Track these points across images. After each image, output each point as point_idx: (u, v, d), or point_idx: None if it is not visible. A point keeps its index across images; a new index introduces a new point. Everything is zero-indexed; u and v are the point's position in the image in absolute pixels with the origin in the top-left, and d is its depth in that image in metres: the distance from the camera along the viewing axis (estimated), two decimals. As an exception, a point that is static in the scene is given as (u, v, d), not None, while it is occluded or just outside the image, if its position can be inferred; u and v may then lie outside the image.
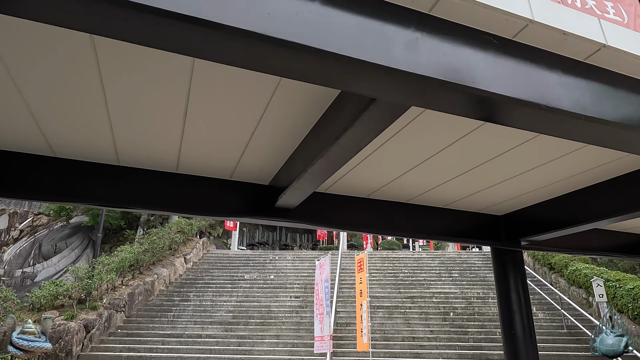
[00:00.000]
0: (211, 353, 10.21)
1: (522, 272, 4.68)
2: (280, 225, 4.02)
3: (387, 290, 13.79)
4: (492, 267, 4.97)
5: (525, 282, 4.70)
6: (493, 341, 10.49)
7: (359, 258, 8.68)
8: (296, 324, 11.63)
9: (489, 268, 15.89)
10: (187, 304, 13.09)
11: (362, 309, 8.08)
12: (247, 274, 15.64)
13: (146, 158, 2.92)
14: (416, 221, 4.59)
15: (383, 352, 9.96)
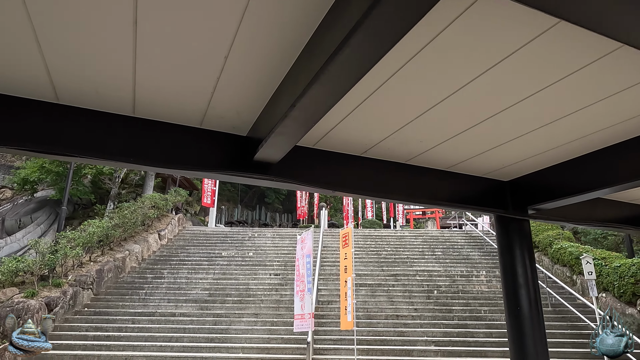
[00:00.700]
0: (185, 332, 9.63)
1: (529, 243, 4.19)
2: (260, 184, 3.31)
3: (370, 268, 13.42)
4: (497, 238, 4.45)
5: (532, 254, 4.20)
6: (478, 319, 10.24)
7: (344, 232, 8.17)
8: (276, 302, 11.14)
9: (471, 246, 15.71)
10: (160, 281, 12.43)
11: (347, 285, 7.61)
12: (225, 251, 15.02)
13: (94, 95, 2.28)
14: (416, 184, 4.01)
15: (366, 330, 9.58)
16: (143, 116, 2.93)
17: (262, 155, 2.99)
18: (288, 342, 9.21)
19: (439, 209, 38.93)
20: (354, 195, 3.80)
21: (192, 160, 3.12)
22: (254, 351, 8.85)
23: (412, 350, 8.82)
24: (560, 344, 9.07)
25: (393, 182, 3.89)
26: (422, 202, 4.00)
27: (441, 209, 3.69)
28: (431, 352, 8.79)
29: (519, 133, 2.98)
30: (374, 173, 3.83)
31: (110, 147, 2.81)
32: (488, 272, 13.10)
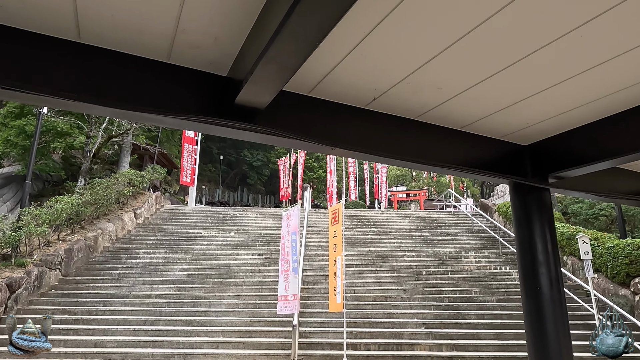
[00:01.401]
0: (161, 315, 9.00)
1: (549, 216, 3.68)
2: (245, 137, 2.58)
3: (357, 249, 12.96)
4: (512, 211, 3.95)
5: (553, 228, 3.70)
6: (469, 301, 9.90)
7: (333, 209, 7.60)
8: (258, 283, 10.58)
9: (459, 227, 15.41)
10: (135, 261, 11.70)
11: (336, 265, 7.07)
12: (205, 231, 14.34)
13: (24, 8, 1.73)
14: (427, 145, 3.45)
15: (354, 312, 9.13)
16: (91, 42, 2.29)
17: (245, 97, 2.41)
18: (272, 325, 8.69)
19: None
20: (357, 155, 3.20)
21: (162, 101, 2.49)
22: (235, 335, 8.30)
23: (403, 332, 8.41)
24: (553, 326, 8.78)
25: (402, 141, 3.32)
26: (434, 165, 3.45)
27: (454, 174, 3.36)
28: (422, 334, 8.40)
29: (543, 85, 2.57)
30: (380, 129, 3.25)
31: (56, 80, 2.19)
32: (477, 253, 12.80)
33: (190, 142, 20.39)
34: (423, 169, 3.48)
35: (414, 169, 3.61)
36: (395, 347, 7.99)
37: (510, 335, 8.42)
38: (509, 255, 12.62)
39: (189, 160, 20.24)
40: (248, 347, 7.93)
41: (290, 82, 2.74)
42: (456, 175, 3.66)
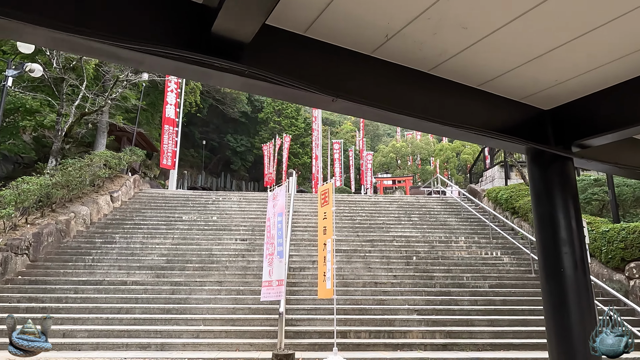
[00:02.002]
0: (137, 302, 8.42)
1: (573, 189, 3.24)
2: (227, 83, 1.91)
3: (344, 234, 12.53)
4: (531, 184, 3.49)
5: (577, 202, 3.26)
6: (461, 286, 9.58)
7: (323, 189, 7.09)
8: (242, 269, 10.06)
9: (448, 212, 15.11)
10: (111, 246, 11.04)
11: (326, 249, 6.59)
12: (186, 215, 13.70)
13: None
14: (442, 102, 2.96)
15: (343, 299, 8.70)
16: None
17: (223, 24, 1.88)
18: (256, 312, 8.21)
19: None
20: (362, 110, 2.71)
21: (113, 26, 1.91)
22: (217, 323, 7.79)
23: (394, 320, 8.02)
24: (547, 312, 8.52)
25: (412, 95, 2.80)
26: (450, 125, 2.95)
27: (470, 138, 2.91)
28: (414, 321, 8.03)
29: (576, 32, 2.18)
30: (388, 80, 2.71)
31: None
32: (467, 238, 12.51)
33: (170, 124, 19.56)
34: (437, 132, 2.98)
35: (426, 131, 3.07)
36: (386, 334, 7.61)
37: (504, 321, 8.12)
38: (499, 241, 12.36)
39: (169, 143, 19.43)
40: (231, 336, 7.44)
41: (283, 17, 2.21)
42: (471, 139, 3.16)
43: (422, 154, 51.07)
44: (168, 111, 19.55)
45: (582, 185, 12.68)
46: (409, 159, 51.59)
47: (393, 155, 50.71)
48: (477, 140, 3.17)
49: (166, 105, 19.56)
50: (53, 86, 12.65)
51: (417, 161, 51.06)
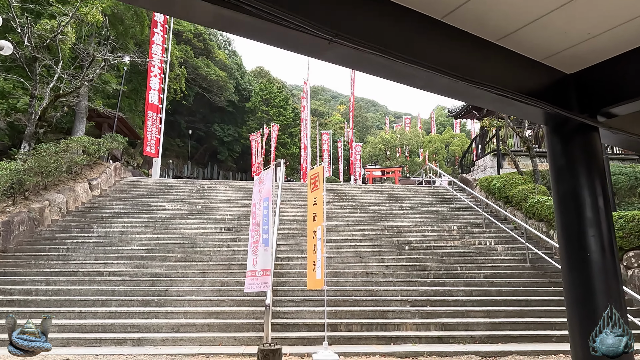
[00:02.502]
0: (114, 295, 7.89)
1: (599, 164, 2.83)
2: (190, 13, 1.25)
3: (334, 223, 12.11)
4: (551, 159, 3.07)
5: (605, 179, 2.84)
6: (455, 277, 9.24)
7: (313, 172, 6.62)
8: (227, 259, 9.57)
9: (439, 202, 14.79)
10: (87, 235, 10.44)
11: (316, 236, 6.14)
12: (169, 204, 13.12)
13: None
14: (456, 54, 2.46)
15: (333, 290, 8.29)
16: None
17: None
18: (241, 304, 7.75)
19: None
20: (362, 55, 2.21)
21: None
22: (199, 316, 7.31)
23: (387, 311, 7.64)
24: (543, 302, 8.24)
25: (424, 46, 2.33)
26: (469, 81, 2.52)
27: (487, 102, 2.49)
28: (408, 313, 7.66)
29: None
30: (397, 25, 2.23)
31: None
32: (460, 228, 12.19)
33: (154, 110, 18.82)
34: (451, 92, 2.53)
35: (439, 91, 2.57)
36: (379, 327, 7.22)
37: (501, 313, 7.80)
38: (492, 230, 12.07)
39: (153, 130, 18.70)
40: (214, 329, 6.98)
41: None
42: (487, 102, 2.72)
43: (411, 146, 50.90)
44: (151, 97, 18.80)
45: (576, 173, 12.44)
46: (397, 151, 51.42)
47: (382, 146, 50.43)
48: (494, 103, 2.73)
49: (149, 90, 18.81)
50: (26, 67, 11.89)
51: (406, 153, 50.92)
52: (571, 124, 2.78)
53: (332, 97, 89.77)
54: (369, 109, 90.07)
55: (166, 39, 19.86)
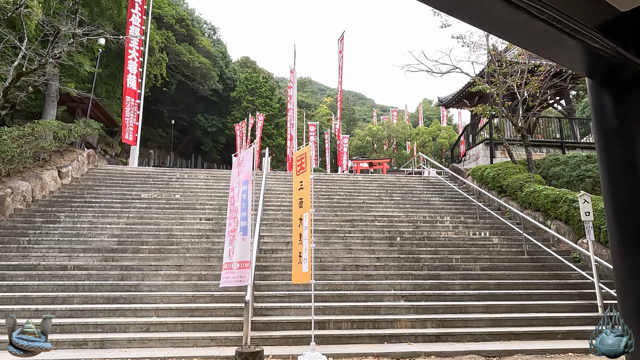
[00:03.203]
0: (77, 290, 7.11)
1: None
2: None
3: (322, 213, 11.44)
4: (596, 121, 2.40)
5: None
6: (451, 269, 8.67)
7: (299, 153, 5.92)
8: (206, 251, 8.84)
9: (430, 192, 14.24)
10: (53, 226, 9.58)
11: (302, 225, 5.46)
12: (145, 193, 12.28)
13: None
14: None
15: (321, 284, 7.63)
16: None
17: None
18: (220, 300, 7.04)
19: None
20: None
21: None
22: (173, 314, 6.59)
23: (379, 307, 7.02)
24: (545, 296, 7.73)
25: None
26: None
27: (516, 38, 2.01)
28: (402, 308, 7.05)
29: None
30: None
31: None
32: (453, 218, 11.64)
33: (132, 95, 17.81)
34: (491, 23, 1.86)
35: (473, 22, 1.86)
36: (371, 324, 6.60)
37: (501, 307, 7.25)
38: (487, 221, 11.55)
39: (131, 116, 17.71)
40: (188, 328, 6.26)
41: None
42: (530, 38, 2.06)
43: (398, 138, 50.48)
44: (129, 81, 17.78)
45: (574, 162, 11.97)
46: (385, 143, 50.95)
47: (369, 138, 49.91)
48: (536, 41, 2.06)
49: (127, 74, 17.78)
50: (-14, 43, 10.87)
51: (394, 145, 50.49)
52: (627, 74, 2.14)
53: (319, 90, 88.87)
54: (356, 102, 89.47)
55: (145, 21, 18.81)
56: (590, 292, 7.79)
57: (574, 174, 11.42)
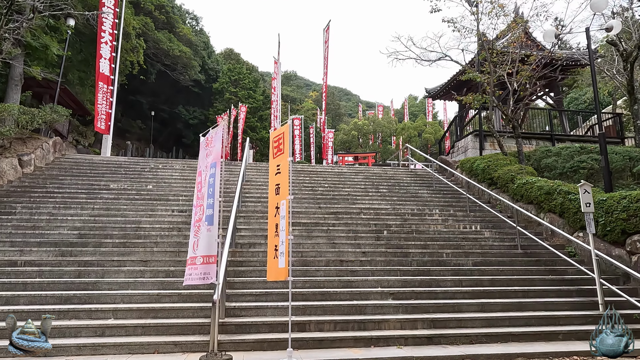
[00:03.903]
0: (25, 289, 6.29)
1: None
2: None
3: (304, 205, 10.76)
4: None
5: None
6: (442, 264, 8.10)
7: (277, 134, 5.20)
8: (176, 245, 8.08)
9: (418, 184, 13.68)
10: (6, 218, 8.68)
11: (279, 214, 4.77)
12: (115, 183, 11.41)
13: None
14: None
15: (301, 281, 6.97)
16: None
17: None
18: (188, 299, 6.31)
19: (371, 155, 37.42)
20: None
21: None
22: (134, 315, 5.83)
23: (365, 306, 6.38)
24: (542, 293, 7.21)
25: None
26: None
27: None
28: (390, 307, 6.43)
29: None
30: None
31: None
32: (442, 211, 11.09)
33: (105, 81, 16.80)
34: None
35: None
36: (356, 325, 5.95)
37: (497, 306, 6.69)
38: (477, 214, 11.03)
39: (103, 103, 16.70)
40: (150, 332, 5.52)
41: None
42: None
43: (384, 133, 50.03)
44: (102, 66, 16.75)
45: (567, 153, 11.52)
46: (370, 138, 50.47)
47: (355, 133, 49.32)
48: None
49: (100, 59, 16.75)
50: None
51: (379, 140, 50.04)
52: None
53: (305, 85, 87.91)
54: (341, 97, 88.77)
55: (119, 2, 17.76)
56: (589, 289, 7.30)
57: (568, 165, 10.97)
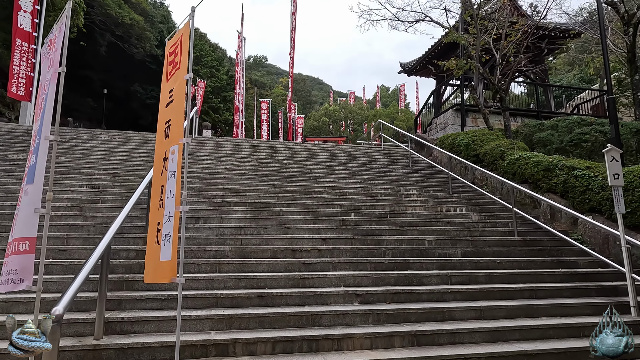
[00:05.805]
0: None
1: None
2: None
3: (255, 183, 8.74)
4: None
5: None
6: (424, 255, 6.28)
7: (172, 43, 3.01)
8: (69, 229, 5.91)
9: (392, 163, 11.88)
10: None
11: (168, 169, 2.76)
12: (16, 154, 9.04)
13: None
14: None
15: (233, 279, 4.97)
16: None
17: None
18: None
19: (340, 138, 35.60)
20: None
21: None
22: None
23: (321, 314, 4.45)
24: (554, 292, 5.51)
25: None
26: None
27: None
28: (356, 316, 4.53)
29: None
30: None
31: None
32: (420, 192, 9.31)
33: (25, 39, 14.06)
34: None
35: None
36: (306, 345, 4.02)
37: (500, 310, 4.92)
38: (461, 195, 9.32)
39: (22, 65, 14.00)
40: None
41: None
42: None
43: (355, 120, 48.42)
44: (21, 20, 14.01)
45: (566, 124, 9.96)
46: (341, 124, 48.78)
47: (325, 119, 47.49)
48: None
49: (18, 10, 14.00)
50: None
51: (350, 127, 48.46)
52: None
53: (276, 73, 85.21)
54: (313, 86, 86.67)
55: (44, -54, 14.97)
56: (611, 286, 5.68)
57: (566, 139, 9.38)
